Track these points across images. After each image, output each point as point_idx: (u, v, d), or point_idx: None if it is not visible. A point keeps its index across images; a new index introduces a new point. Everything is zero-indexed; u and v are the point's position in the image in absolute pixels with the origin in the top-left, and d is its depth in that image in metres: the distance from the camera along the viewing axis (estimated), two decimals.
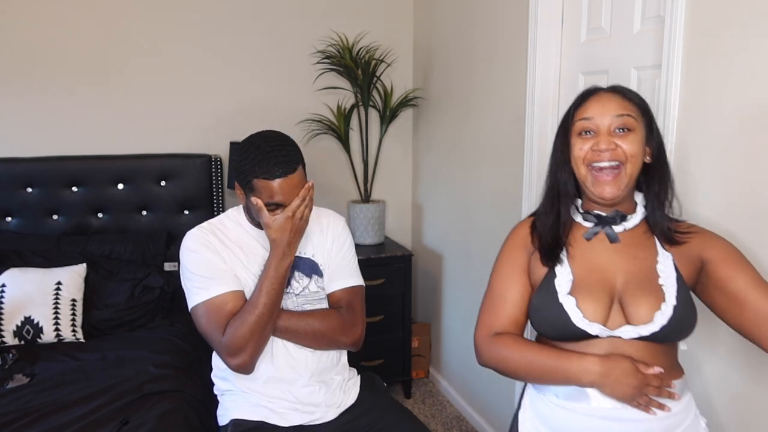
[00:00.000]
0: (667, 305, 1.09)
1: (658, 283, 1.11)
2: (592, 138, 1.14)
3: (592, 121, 1.14)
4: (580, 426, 1.11)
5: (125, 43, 2.79)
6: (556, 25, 2.06)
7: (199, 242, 1.56)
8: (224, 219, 1.65)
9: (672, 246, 1.16)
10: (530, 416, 1.21)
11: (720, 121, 1.41)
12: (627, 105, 1.14)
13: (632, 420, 1.07)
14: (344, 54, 2.90)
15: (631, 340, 1.10)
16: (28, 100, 2.71)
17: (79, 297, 2.31)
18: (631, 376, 1.05)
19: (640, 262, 1.15)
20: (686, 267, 1.15)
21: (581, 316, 1.10)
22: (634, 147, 1.12)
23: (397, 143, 3.27)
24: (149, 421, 1.67)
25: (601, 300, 1.11)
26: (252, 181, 1.47)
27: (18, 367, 2.02)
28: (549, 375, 1.11)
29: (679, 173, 1.52)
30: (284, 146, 1.48)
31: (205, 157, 2.81)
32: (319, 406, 1.60)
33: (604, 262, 1.16)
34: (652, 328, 1.08)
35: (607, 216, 1.18)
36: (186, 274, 1.55)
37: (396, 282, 2.89)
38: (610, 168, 1.12)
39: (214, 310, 1.50)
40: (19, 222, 2.65)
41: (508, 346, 1.16)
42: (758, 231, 1.33)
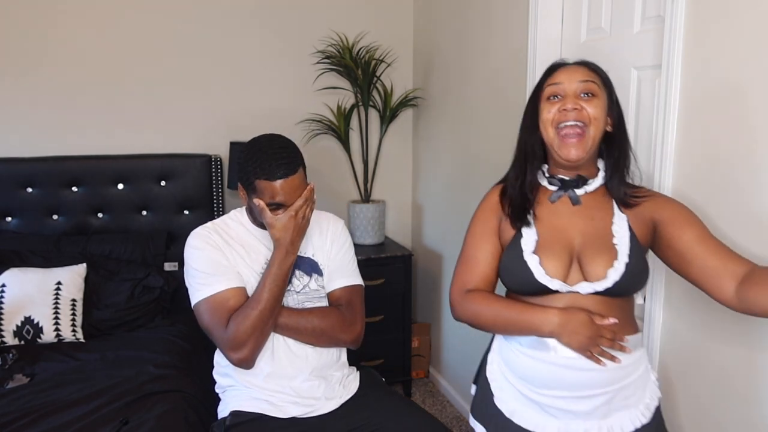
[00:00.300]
0: (619, 263, 1.19)
1: (613, 243, 1.21)
2: (560, 101, 1.23)
3: (560, 86, 1.23)
4: (540, 373, 1.22)
5: (125, 44, 2.79)
6: (556, 25, 2.06)
7: (202, 240, 1.60)
8: (227, 219, 1.69)
9: (627, 208, 1.26)
10: (497, 361, 1.33)
11: (720, 120, 1.41)
12: (591, 74, 1.25)
13: (587, 369, 1.18)
14: (344, 54, 2.90)
15: (588, 295, 1.20)
16: (28, 100, 2.71)
17: (79, 297, 2.31)
18: (586, 326, 1.16)
19: (597, 223, 1.25)
20: (640, 228, 1.24)
21: (543, 272, 1.21)
22: (597, 111, 1.21)
23: (397, 143, 3.27)
24: (149, 421, 1.67)
25: (561, 258, 1.22)
26: (254, 182, 1.52)
27: (18, 367, 2.02)
28: (514, 326, 1.23)
29: (679, 173, 1.52)
30: (286, 149, 1.54)
31: (205, 157, 2.81)
32: (318, 400, 1.63)
33: (565, 224, 1.26)
34: (606, 283, 1.19)
35: (570, 180, 1.28)
36: (189, 271, 1.59)
37: (396, 282, 2.89)
38: (575, 131, 1.21)
39: (216, 306, 1.54)
40: (19, 222, 2.65)
41: (479, 301, 1.27)
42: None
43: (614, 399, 1.21)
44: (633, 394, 1.23)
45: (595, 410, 1.21)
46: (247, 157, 1.53)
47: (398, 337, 2.96)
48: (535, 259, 1.22)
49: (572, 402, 1.21)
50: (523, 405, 1.27)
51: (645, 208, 1.26)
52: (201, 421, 1.78)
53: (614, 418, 1.22)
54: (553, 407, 1.23)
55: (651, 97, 1.69)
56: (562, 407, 1.22)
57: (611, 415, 1.22)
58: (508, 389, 1.29)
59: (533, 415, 1.25)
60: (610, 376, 1.19)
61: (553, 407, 1.23)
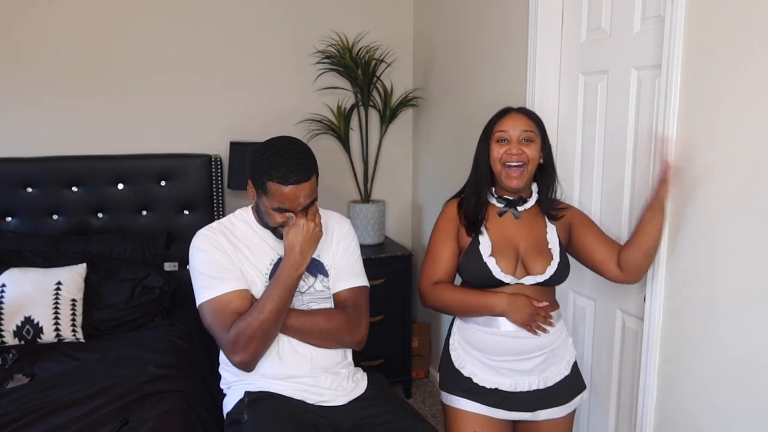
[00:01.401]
0: (554, 262, 1.60)
1: (548, 248, 1.63)
2: (506, 144, 1.60)
3: (507, 132, 1.60)
4: (492, 342, 1.61)
5: (126, 44, 2.79)
6: (556, 25, 2.06)
7: (207, 242, 1.59)
8: (233, 218, 1.68)
9: (553, 220, 1.67)
10: (458, 340, 1.70)
11: (720, 120, 1.41)
12: (530, 123, 1.61)
13: (525, 338, 1.59)
14: (344, 54, 2.90)
15: (529, 285, 1.60)
16: (28, 100, 2.71)
17: (79, 297, 2.31)
18: (527, 307, 1.57)
19: (535, 233, 1.65)
20: (563, 233, 1.67)
21: (499, 270, 1.59)
22: (534, 153, 1.60)
23: (397, 143, 3.27)
24: (149, 421, 1.67)
25: (511, 259, 1.61)
26: (266, 183, 1.50)
27: (18, 367, 2.02)
28: (474, 308, 1.61)
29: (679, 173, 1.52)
30: (303, 155, 1.52)
31: (205, 157, 2.81)
32: (328, 389, 1.63)
33: (511, 233, 1.64)
34: (545, 276, 1.60)
35: (512, 199, 1.66)
36: (194, 273, 1.59)
37: (396, 282, 2.89)
38: (517, 168, 1.58)
39: (219, 309, 1.54)
40: (19, 222, 2.65)
41: (444, 291, 1.64)
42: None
43: (548, 358, 1.63)
44: (559, 354, 1.66)
45: (535, 367, 1.62)
46: (263, 156, 1.51)
47: (398, 337, 2.96)
48: (493, 261, 1.59)
49: (518, 363, 1.61)
50: (481, 370, 1.64)
51: (565, 218, 1.68)
52: (201, 421, 1.77)
53: (548, 372, 1.64)
54: (504, 368, 1.62)
55: (651, 97, 1.69)
56: (511, 368, 1.61)
57: (546, 370, 1.64)
58: (467, 359, 1.66)
59: (490, 376, 1.63)
60: (543, 341, 1.60)
61: (504, 368, 1.62)
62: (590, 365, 2.06)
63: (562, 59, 2.07)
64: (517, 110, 1.64)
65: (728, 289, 1.42)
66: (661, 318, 1.61)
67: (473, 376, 1.64)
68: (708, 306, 1.48)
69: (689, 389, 1.55)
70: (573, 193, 2.07)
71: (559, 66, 2.08)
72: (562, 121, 2.10)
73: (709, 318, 1.48)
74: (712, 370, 1.48)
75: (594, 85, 1.93)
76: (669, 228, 1.56)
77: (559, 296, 2.16)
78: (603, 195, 1.94)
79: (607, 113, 1.89)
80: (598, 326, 2.01)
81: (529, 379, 1.62)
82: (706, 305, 1.48)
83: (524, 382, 1.61)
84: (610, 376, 1.96)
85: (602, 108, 1.91)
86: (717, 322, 1.46)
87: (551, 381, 1.63)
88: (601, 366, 2.00)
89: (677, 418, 1.59)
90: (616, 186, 1.87)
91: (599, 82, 1.91)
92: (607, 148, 1.91)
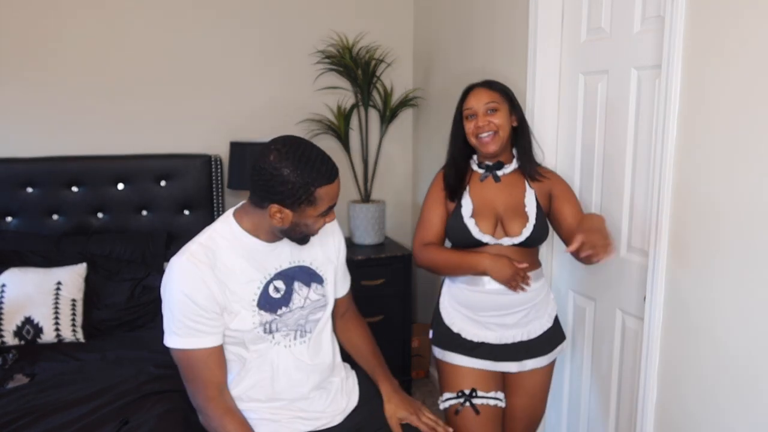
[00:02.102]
0: (529, 224, 1.71)
1: (525, 210, 1.73)
2: (475, 119, 1.73)
3: (472, 108, 1.73)
4: (477, 299, 1.75)
5: (126, 44, 2.79)
6: (556, 25, 2.06)
7: (191, 283, 1.39)
8: (215, 237, 1.46)
9: (534, 182, 1.77)
10: (447, 299, 1.83)
11: (720, 120, 1.41)
12: (492, 94, 1.73)
13: (508, 294, 1.71)
14: (344, 54, 2.90)
15: (508, 246, 1.72)
16: (28, 100, 2.71)
17: (79, 297, 2.31)
18: (507, 267, 1.67)
19: (514, 196, 1.76)
20: (543, 199, 1.78)
21: (478, 231, 1.71)
22: (501, 120, 1.72)
23: (397, 143, 3.27)
24: (149, 421, 1.67)
25: (490, 221, 1.73)
26: (315, 192, 1.37)
27: (18, 367, 2.02)
28: (459, 267, 1.74)
29: (679, 173, 1.52)
30: (316, 146, 1.43)
31: (205, 157, 2.81)
32: (324, 413, 1.58)
33: (491, 196, 1.76)
34: (521, 238, 1.71)
35: (492, 165, 1.78)
36: (168, 310, 1.42)
37: (396, 282, 2.89)
38: (489, 136, 1.71)
39: (193, 363, 1.43)
40: (19, 222, 2.65)
41: (433, 251, 1.78)
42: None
43: (529, 313, 1.76)
44: (540, 308, 1.79)
45: (518, 321, 1.75)
46: (298, 172, 1.34)
47: (398, 337, 2.96)
48: (472, 222, 1.72)
49: (502, 318, 1.74)
50: (469, 325, 1.77)
51: (546, 184, 1.78)
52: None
53: (530, 326, 1.77)
54: (490, 323, 1.75)
55: (651, 97, 1.69)
56: (496, 322, 1.75)
57: (528, 324, 1.77)
58: (456, 316, 1.79)
59: (477, 331, 1.76)
60: (524, 297, 1.72)
61: (490, 323, 1.75)
62: (590, 365, 2.06)
63: (562, 59, 2.07)
64: (479, 85, 1.77)
65: (728, 289, 1.42)
66: (661, 318, 1.61)
67: (462, 332, 1.77)
68: (708, 306, 1.48)
69: (689, 389, 1.55)
70: None
71: (559, 66, 2.08)
72: (562, 121, 2.10)
73: (709, 318, 1.48)
74: (712, 370, 1.48)
75: (594, 85, 1.93)
76: (669, 228, 1.56)
77: (559, 296, 2.17)
78: (603, 195, 1.94)
79: (607, 113, 1.89)
80: (598, 326, 2.01)
81: (513, 332, 1.75)
82: (706, 305, 1.48)
83: (509, 335, 1.75)
84: (610, 376, 1.96)
85: (602, 108, 1.91)
86: (717, 322, 1.46)
87: (534, 333, 1.77)
88: (601, 366, 2.00)
89: (677, 418, 1.59)
90: (616, 186, 1.87)
91: (599, 82, 1.91)
92: (607, 148, 1.91)
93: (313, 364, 1.56)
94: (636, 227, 1.80)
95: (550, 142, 2.12)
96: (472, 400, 1.74)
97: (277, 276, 1.51)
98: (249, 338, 1.48)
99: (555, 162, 2.13)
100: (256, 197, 1.42)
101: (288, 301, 1.52)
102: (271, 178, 1.35)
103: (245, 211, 1.48)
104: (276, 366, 1.51)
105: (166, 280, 1.44)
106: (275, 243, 1.50)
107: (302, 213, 1.40)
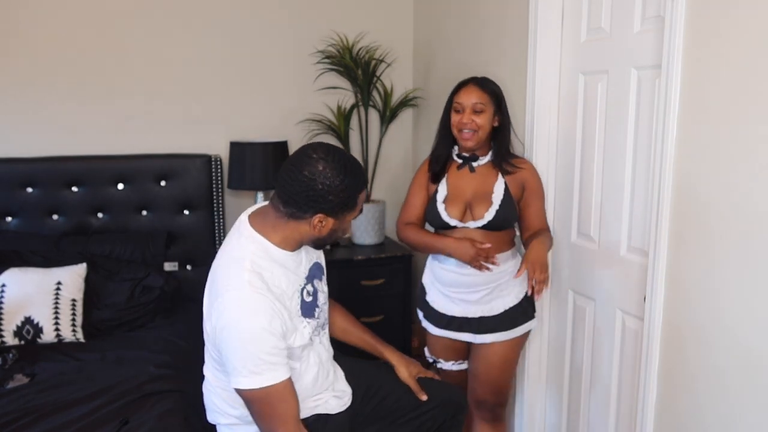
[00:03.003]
0: (492, 208, 1.90)
1: (491, 197, 1.92)
2: (461, 114, 1.89)
3: (461, 104, 1.89)
4: (446, 276, 1.96)
5: (126, 44, 2.79)
6: (556, 25, 2.06)
7: (267, 316, 1.34)
8: (257, 261, 1.40)
9: (508, 175, 1.95)
10: (429, 275, 2.07)
11: (720, 120, 1.41)
12: (482, 95, 1.88)
13: (470, 275, 1.91)
14: (344, 54, 2.90)
15: (474, 229, 1.91)
16: (28, 100, 2.71)
17: (79, 297, 2.31)
18: (470, 248, 1.85)
19: (485, 185, 1.94)
20: (515, 188, 1.95)
21: (447, 215, 1.93)
22: (484, 121, 1.89)
23: (397, 143, 3.27)
24: (149, 421, 1.67)
25: (459, 206, 1.94)
26: (357, 198, 1.42)
27: (18, 367, 2.02)
28: (430, 247, 1.98)
29: (679, 173, 1.52)
30: (347, 152, 1.49)
31: (205, 157, 2.81)
32: (345, 391, 1.64)
33: (464, 184, 1.96)
34: (483, 221, 1.90)
35: (468, 156, 1.98)
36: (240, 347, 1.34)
37: (396, 282, 2.89)
38: (469, 133, 1.89)
39: (270, 400, 1.37)
40: (19, 222, 2.65)
41: (410, 231, 2.02)
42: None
43: (493, 292, 1.94)
44: (505, 289, 1.95)
45: (481, 299, 1.94)
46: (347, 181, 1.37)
47: (398, 337, 2.96)
48: (443, 207, 1.94)
49: (466, 294, 1.95)
50: (439, 298, 2.02)
51: (520, 175, 1.95)
52: (201, 421, 1.77)
53: (493, 303, 1.95)
54: (456, 298, 1.97)
55: (651, 97, 1.69)
56: (461, 298, 1.96)
57: (492, 302, 1.95)
58: (432, 289, 2.05)
59: (446, 304, 2.00)
60: (487, 278, 1.91)
61: (456, 298, 1.97)
62: (590, 365, 2.06)
63: (562, 59, 2.07)
64: (473, 82, 1.91)
65: (728, 289, 1.42)
66: (661, 318, 1.61)
67: (434, 304, 2.03)
68: (708, 306, 1.48)
69: (689, 389, 1.55)
70: (573, 193, 2.07)
71: (559, 66, 2.08)
72: (562, 121, 2.10)
73: (709, 318, 1.48)
74: (712, 370, 1.48)
75: (594, 85, 1.93)
76: (669, 227, 1.56)
77: (559, 295, 2.17)
78: (603, 195, 1.94)
79: (607, 113, 1.89)
80: (598, 326, 2.01)
81: (475, 308, 1.95)
82: (706, 305, 1.48)
83: (471, 310, 1.96)
84: (610, 376, 1.96)
85: (602, 108, 1.91)
86: (717, 322, 1.46)
87: (496, 311, 1.95)
88: (601, 366, 2.00)
89: (677, 417, 1.59)
90: (616, 186, 1.87)
91: (599, 82, 1.91)
92: (607, 148, 1.91)
93: (330, 349, 1.64)
94: (636, 227, 1.80)
95: (550, 142, 2.12)
96: (436, 365, 2.10)
97: (307, 279, 1.53)
98: (302, 350, 1.48)
99: (555, 162, 2.13)
100: (294, 208, 1.38)
101: (317, 301, 1.56)
102: (323, 189, 1.34)
103: (270, 224, 1.44)
104: (318, 363, 1.55)
105: (231, 321, 1.34)
106: (298, 250, 1.50)
107: (343, 219, 1.42)
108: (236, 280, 1.36)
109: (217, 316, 1.36)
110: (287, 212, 1.40)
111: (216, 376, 1.52)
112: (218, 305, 1.36)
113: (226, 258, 1.44)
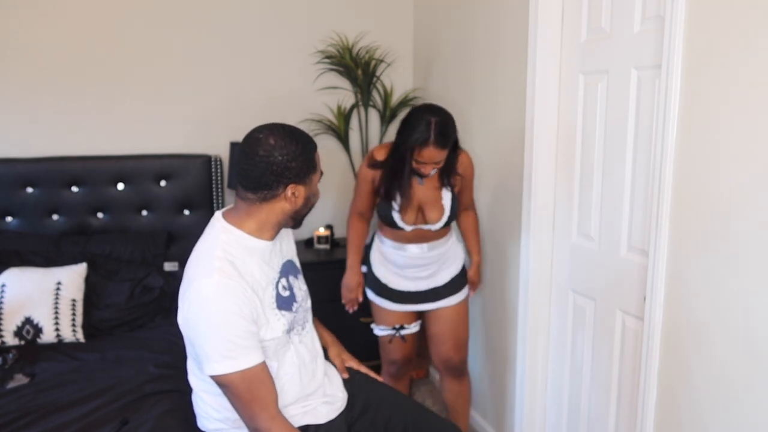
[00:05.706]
0: (445, 215, 2.16)
1: (442, 203, 2.16)
2: (423, 165, 2.04)
3: (423, 163, 2.03)
4: (402, 260, 2.22)
5: (126, 44, 2.79)
6: (556, 25, 2.06)
7: (235, 300, 1.34)
8: (229, 249, 1.41)
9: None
10: (377, 253, 2.29)
11: (720, 120, 1.41)
12: (442, 153, 2.02)
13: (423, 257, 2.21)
14: (344, 54, 2.90)
15: (426, 229, 2.16)
16: (28, 100, 2.71)
17: (79, 297, 2.31)
18: (351, 292, 2.31)
19: (433, 190, 2.16)
20: (457, 186, 2.20)
21: (403, 223, 2.14)
22: (441, 164, 2.07)
23: None
24: (149, 421, 1.67)
25: (412, 213, 2.15)
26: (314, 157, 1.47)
27: (18, 367, 2.02)
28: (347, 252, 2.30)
29: (679, 173, 1.52)
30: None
31: (205, 157, 2.81)
32: (336, 396, 1.62)
33: (416, 193, 2.14)
34: (439, 225, 2.16)
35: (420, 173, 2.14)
36: (212, 333, 1.34)
37: None
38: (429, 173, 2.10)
39: (249, 384, 1.37)
40: (19, 222, 2.65)
41: (351, 228, 2.30)
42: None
43: (440, 267, 2.26)
44: (446, 261, 2.27)
45: (430, 274, 2.25)
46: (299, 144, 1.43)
47: None
48: (398, 215, 2.14)
49: (419, 272, 2.24)
50: (394, 277, 2.27)
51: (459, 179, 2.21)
52: None
53: (439, 275, 2.27)
54: (410, 276, 2.25)
55: (651, 97, 1.69)
56: (414, 276, 2.25)
57: (438, 274, 2.27)
58: (384, 269, 2.28)
59: (400, 281, 2.26)
60: (434, 256, 2.22)
61: (410, 276, 2.25)
62: (590, 365, 2.06)
63: (562, 59, 2.07)
64: (434, 141, 1.97)
65: (728, 289, 1.42)
66: (661, 318, 1.61)
67: (389, 283, 2.27)
68: (708, 306, 1.48)
69: (689, 389, 1.55)
70: (573, 193, 2.07)
71: (559, 66, 2.08)
72: (562, 121, 2.10)
73: (709, 318, 1.48)
74: (712, 370, 1.48)
75: (594, 85, 1.93)
76: (669, 227, 1.56)
77: (559, 295, 2.17)
78: (603, 195, 1.94)
79: (607, 113, 1.89)
80: (598, 326, 2.01)
81: (427, 282, 2.26)
82: (706, 305, 1.48)
83: (423, 284, 2.26)
84: (610, 376, 1.96)
85: (602, 108, 1.91)
86: (717, 322, 1.46)
87: (443, 281, 2.27)
88: (601, 366, 2.00)
89: (677, 417, 1.59)
90: (616, 186, 1.87)
91: (599, 82, 1.91)
92: (607, 148, 1.91)
93: (316, 350, 1.62)
94: (636, 227, 1.80)
95: (550, 142, 2.12)
96: (401, 332, 2.32)
97: (281, 274, 1.53)
98: (276, 345, 1.47)
99: (555, 162, 2.13)
100: (266, 190, 1.40)
101: (294, 296, 1.55)
102: (283, 159, 1.37)
103: (244, 213, 1.45)
104: (299, 364, 1.53)
105: (201, 306, 1.34)
106: (275, 240, 1.51)
107: (310, 182, 1.45)
108: (206, 268, 1.37)
109: (187, 305, 1.37)
110: (260, 197, 1.41)
111: (198, 378, 1.51)
112: (188, 295, 1.37)
113: (197, 252, 1.46)
